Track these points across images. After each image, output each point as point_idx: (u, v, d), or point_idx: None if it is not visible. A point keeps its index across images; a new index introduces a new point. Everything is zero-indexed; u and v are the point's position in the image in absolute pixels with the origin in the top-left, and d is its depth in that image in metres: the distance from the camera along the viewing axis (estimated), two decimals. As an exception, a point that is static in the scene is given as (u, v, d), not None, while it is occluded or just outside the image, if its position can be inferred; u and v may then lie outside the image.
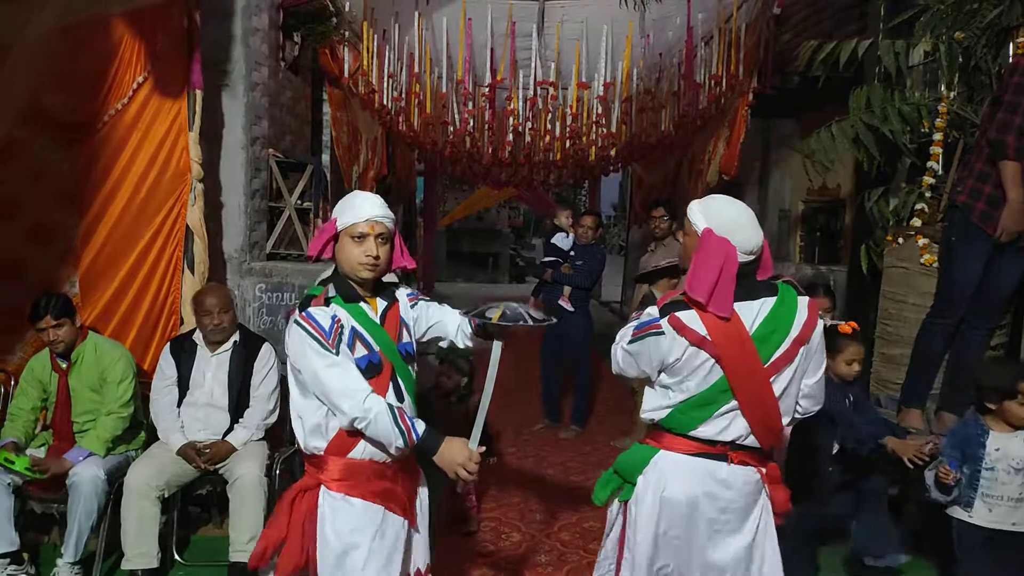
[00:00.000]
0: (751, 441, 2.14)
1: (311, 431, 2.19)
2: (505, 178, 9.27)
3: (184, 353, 3.66)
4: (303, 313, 2.13)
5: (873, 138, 4.23)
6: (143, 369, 3.89)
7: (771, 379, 2.08)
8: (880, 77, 4.40)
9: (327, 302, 2.17)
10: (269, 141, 4.85)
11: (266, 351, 3.76)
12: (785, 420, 2.16)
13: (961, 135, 4.08)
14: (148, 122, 4.03)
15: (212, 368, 3.66)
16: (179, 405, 3.62)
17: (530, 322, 2.16)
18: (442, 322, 2.42)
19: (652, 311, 2.18)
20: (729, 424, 2.13)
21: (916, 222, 4.07)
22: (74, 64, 3.84)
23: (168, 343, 3.75)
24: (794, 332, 2.08)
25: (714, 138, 6.56)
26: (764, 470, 2.20)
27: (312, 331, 2.09)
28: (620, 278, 13.98)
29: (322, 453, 2.19)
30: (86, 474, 3.31)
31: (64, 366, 3.54)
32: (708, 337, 2.06)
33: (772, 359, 2.07)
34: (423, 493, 2.39)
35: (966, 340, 3.66)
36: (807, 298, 2.13)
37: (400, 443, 2.07)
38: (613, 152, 7.73)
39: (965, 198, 3.53)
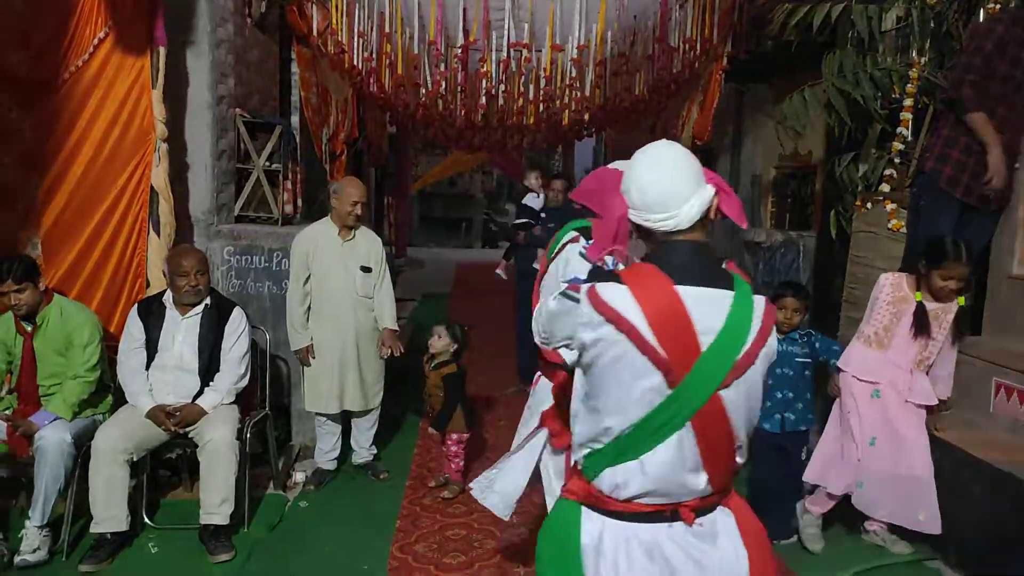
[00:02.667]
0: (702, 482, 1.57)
1: None
2: (478, 142, 9.18)
3: (152, 316, 3.61)
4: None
5: (844, 103, 4.24)
6: (109, 332, 3.83)
7: (721, 392, 1.51)
8: (853, 42, 4.41)
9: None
10: (236, 100, 4.75)
11: (237, 315, 3.72)
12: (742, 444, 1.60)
13: (931, 101, 4.11)
14: (110, 80, 3.92)
15: (182, 331, 3.61)
16: (147, 368, 3.58)
17: None
18: None
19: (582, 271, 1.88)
20: (667, 470, 1.55)
21: (885, 187, 4.11)
22: (32, 19, 3.72)
23: (136, 305, 3.70)
24: (752, 337, 1.52)
25: (688, 103, 6.53)
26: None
27: None
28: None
29: None
30: (52, 438, 3.27)
31: (29, 329, 3.47)
32: (625, 315, 1.49)
33: (728, 373, 1.50)
34: None
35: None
36: (763, 299, 1.56)
37: None
38: (587, 116, 7.68)
39: (933, 164, 3.57)
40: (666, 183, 1.54)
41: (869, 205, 4.11)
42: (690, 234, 1.55)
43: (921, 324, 3.24)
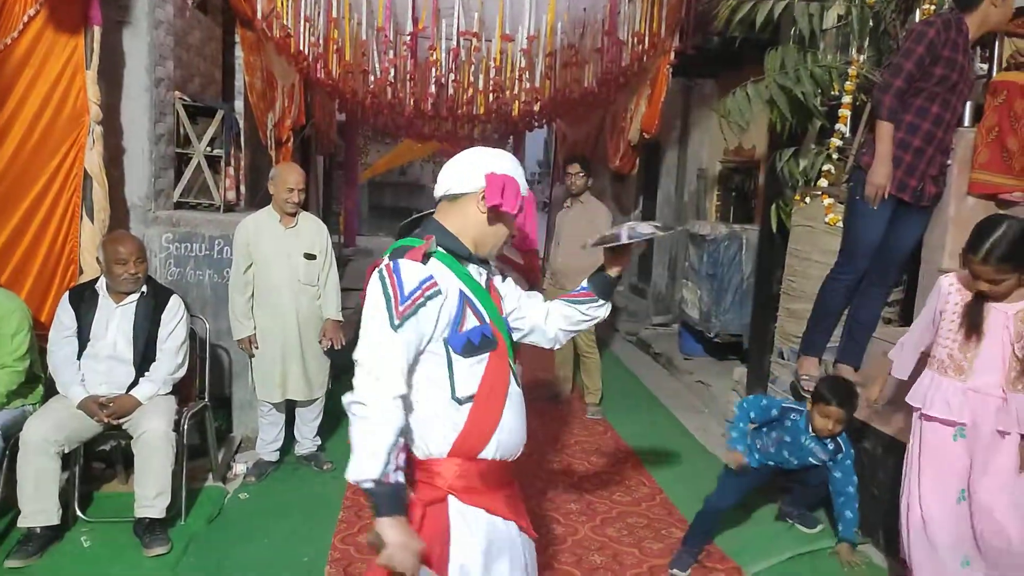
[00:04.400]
0: None
1: (433, 420, 1.76)
2: (428, 131, 9.12)
3: (84, 303, 3.50)
4: (390, 263, 1.71)
5: (786, 99, 4.32)
6: (40, 321, 3.71)
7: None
8: (795, 39, 4.49)
9: (426, 257, 1.74)
10: (175, 83, 4.62)
11: (175, 303, 3.64)
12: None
13: (869, 98, 4.21)
14: (41, 59, 3.78)
15: (116, 319, 3.51)
16: (79, 358, 3.47)
17: (659, 233, 1.97)
18: (531, 311, 2.07)
19: None
20: None
21: (823, 182, 4.20)
22: (-45, -8, 3.56)
23: (67, 293, 3.58)
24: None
25: (636, 96, 6.60)
26: None
27: (389, 289, 1.67)
28: (543, 234, 14.03)
29: (446, 455, 1.76)
30: (-22, 430, 3.16)
31: (-48, 317, 3.34)
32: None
33: None
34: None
35: (866, 296, 3.83)
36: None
37: (365, 473, 1.57)
38: (537, 107, 7.70)
39: (869, 159, 3.66)
40: (449, 168, 1.86)
41: (807, 200, 4.19)
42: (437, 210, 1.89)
43: (974, 323, 2.65)
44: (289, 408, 4.24)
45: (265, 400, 4.10)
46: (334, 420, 4.55)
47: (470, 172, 1.79)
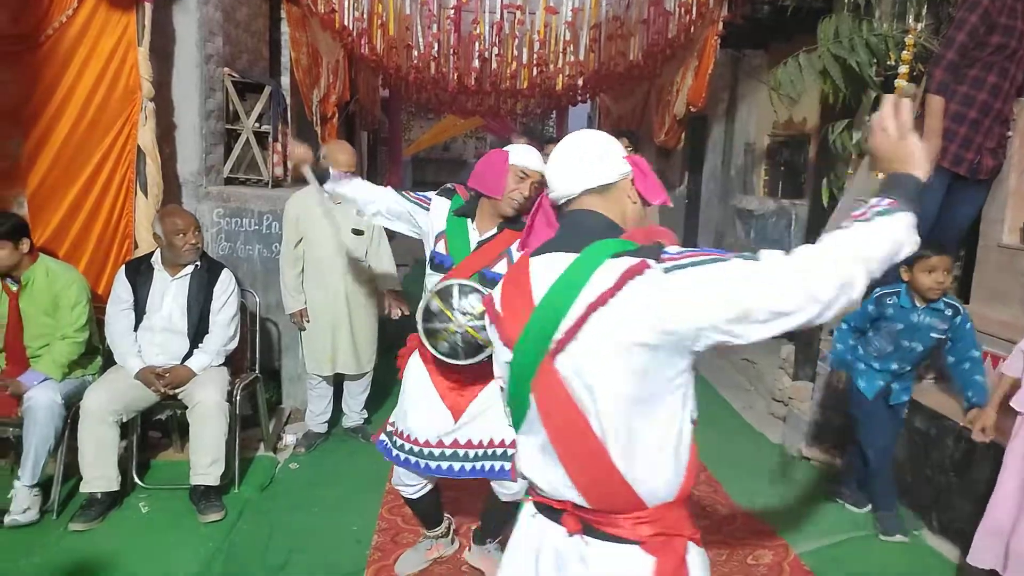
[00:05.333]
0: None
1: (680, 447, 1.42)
2: (471, 106, 9.10)
3: (140, 276, 3.59)
4: (664, 255, 1.38)
5: (840, 69, 4.21)
6: (97, 294, 3.81)
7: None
8: (849, 7, 4.35)
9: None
10: (224, 60, 4.67)
11: (226, 276, 3.71)
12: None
13: (927, 68, 4.07)
14: (95, 36, 3.85)
15: (171, 292, 3.60)
16: (136, 330, 3.57)
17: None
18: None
19: None
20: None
21: (878, 155, 4.09)
22: (12, -29, 3.63)
23: (123, 266, 3.68)
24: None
25: (682, 68, 6.46)
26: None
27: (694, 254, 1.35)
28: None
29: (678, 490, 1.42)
30: (42, 398, 3.27)
31: (15, 289, 3.45)
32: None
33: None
34: None
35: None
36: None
37: None
38: (581, 81, 7.61)
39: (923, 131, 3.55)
40: (576, 154, 1.56)
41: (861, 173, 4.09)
42: (578, 204, 1.54)
43: None
44: (337, 381, 4.31)
45: (315, 373, 4.17)
46: (381, 394, 4.61)
47: (612, 158, 1.56)
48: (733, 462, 4.16)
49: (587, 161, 1.54)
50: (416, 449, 2.65)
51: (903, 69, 4.09)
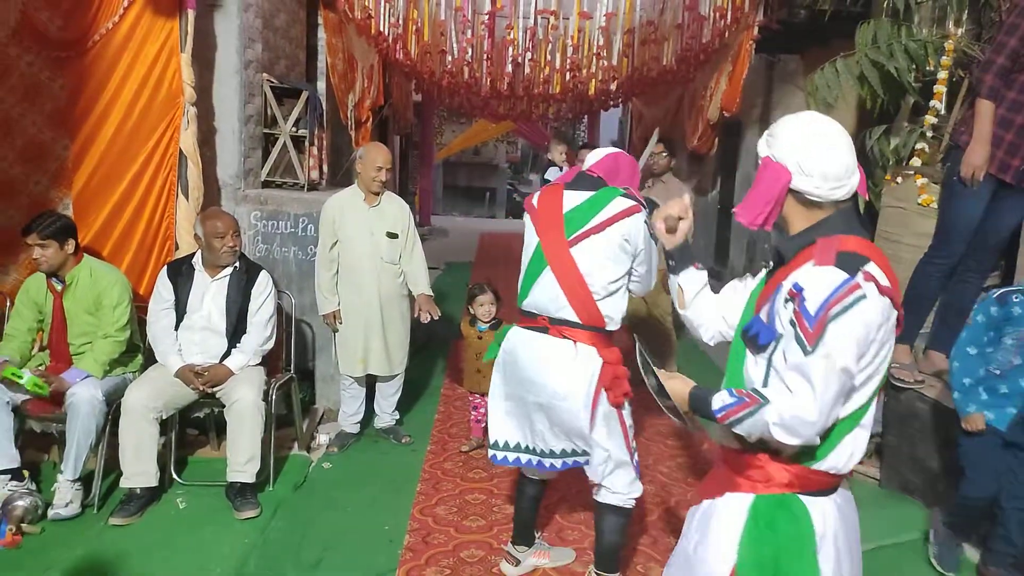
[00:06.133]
0: (569, 313, 2.55)
1: None
2: (503, 111, 9.12)
3: (182, 277, 3.67)
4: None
5: (878, 75, 4.17)
6: (138, 293, 3.90)
7: (572, 249, 2.55)
8: (888, 12, 4.31)
9: None
10: (263, 65, 4.75)
11: (264, 278, 3.77)
12: (596, 294, 2.55)
13: (967, 74, 4.02)
14: (139, 42, 3.94)
15: (211, 292, 3.67)
16: (176, 329, 3.64)
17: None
18: None
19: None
20: (547, 294, 2.58)
21: (916, 162, 4.05)
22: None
23: (165, 266, 3.76)
24: (602, 215, 2.53)
25: (716, 73, 6.44)
26: (588, 343, 2.56)
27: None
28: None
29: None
30: (84, 395, 3.35)
31: (59, 288, 3.54)
32: (534, 204, 2.70)
33: (575, 234, 2.54)
34: None
35: (962, 282, 3.68)
36: (633, 201, 2.58)
37: None
38: (614, 86, 7.60)
39: (967, 138, 3.50)
40: (847, 157, 1.61)
41: (899, 179, 4.04)
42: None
43: None
44: (369, 383, 4.36)
45: (347, 374, 4.22)
46: (412, 396, 4.65)
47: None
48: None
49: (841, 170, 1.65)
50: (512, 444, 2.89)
51: (942, 75, 4.05)
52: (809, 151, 1.59)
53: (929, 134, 4.06)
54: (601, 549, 2.81)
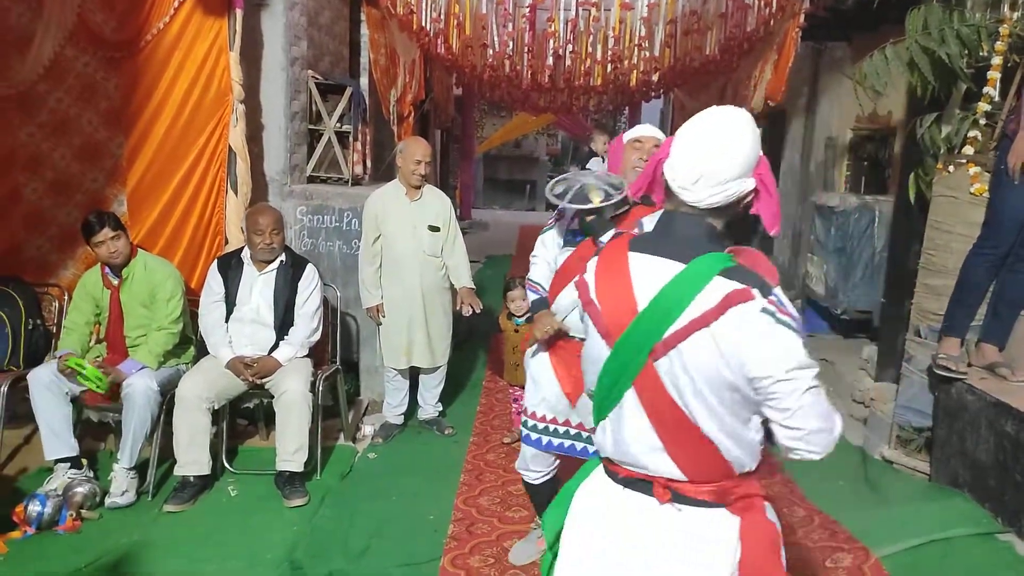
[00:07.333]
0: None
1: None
2: (544, 103, 9.09)
3: (231, 270, 3.76)
4: (772, 297, 1.43)
5: (928, 61, 4.06)
6: (190, 287, 4.00)
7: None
8: (940, -3, 4.20)
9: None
10: (308, 62, 4.83)
11: (310, 272, 3.85)
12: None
13: (1022, 59, 3.90)
14: (190, 41, 4.04)
15: (259, 286, 3.75)
16: (226, 321, 3.73)
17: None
18: None
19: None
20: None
21: (968, 150, 3.94)
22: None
23: (216, 260, 3.85)
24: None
25: (761, 62, 6.34)
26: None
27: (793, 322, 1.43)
28: (659, 207, 13.81)
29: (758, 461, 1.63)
30: (139, 386, 3.46)
31: (115, 282, 3.66)
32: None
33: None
34: None
35: (1012, 272, 3.59)
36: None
37: None
38: (655, 77, 7.53)
39: (1015, 126, 3.41)
40: (718, 159, 1.46)
41: (951, 168, 3.94)
42: (694, 209, 1.51)
43: None
44: (413, 375, 4.41)
45: (391, 366, 4.28)
46: (455, 388, 4.69)
47: (746, 178, 1.52)
48: (809, 464, 4.07)
49: (722, 177, 1.46)
50: (540, 426, 2.75)
51: (996, 60, 3.93)
52: (696, 136, 1.51)
53: (982, 121, 3.95)
54: None
